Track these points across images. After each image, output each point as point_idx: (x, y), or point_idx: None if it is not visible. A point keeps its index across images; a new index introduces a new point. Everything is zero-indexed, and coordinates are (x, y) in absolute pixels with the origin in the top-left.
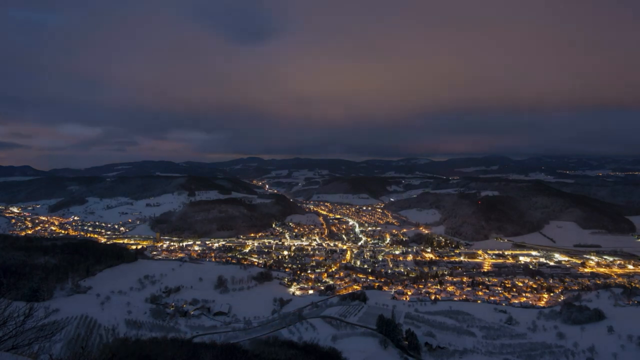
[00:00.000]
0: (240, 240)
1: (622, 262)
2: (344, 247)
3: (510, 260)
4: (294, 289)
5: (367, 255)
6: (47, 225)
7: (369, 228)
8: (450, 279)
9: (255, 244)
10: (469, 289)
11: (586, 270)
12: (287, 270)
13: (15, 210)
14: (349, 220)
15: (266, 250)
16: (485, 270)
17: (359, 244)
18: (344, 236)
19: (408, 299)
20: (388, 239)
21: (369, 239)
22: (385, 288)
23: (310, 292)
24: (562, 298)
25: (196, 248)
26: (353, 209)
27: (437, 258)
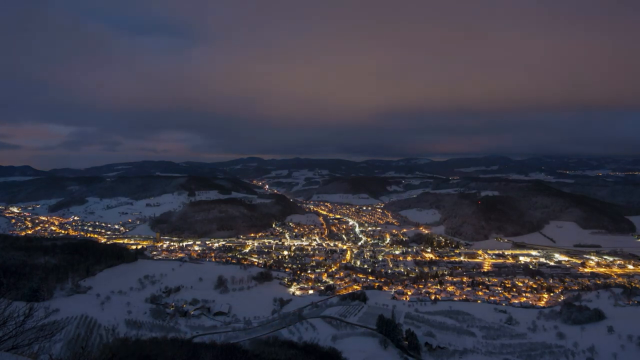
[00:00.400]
0: (240, 240)
1: (622, 262)
2: (344, 247)
3: (510, 260)
4: (294, 289)
5: (367, 255)
6: (47, 225)
7: (369, 228)
8: (450, 279)
9: (255, 244)
10: (469, 289)
11: (586, 270)
12: (287, 270)
13: (15, 210)
14: (349, 220)
15: (266, 250)
16: (485, 270)
17: (359, 244)
18: (344, 236)
19: (408, 299)
20: (388, 239)
21: (369, 239)
22: (385, 288)
23: (310, 292)
24: (562, 298)
25: (196, 248)
26: (353, 209)
27: (437, 258)
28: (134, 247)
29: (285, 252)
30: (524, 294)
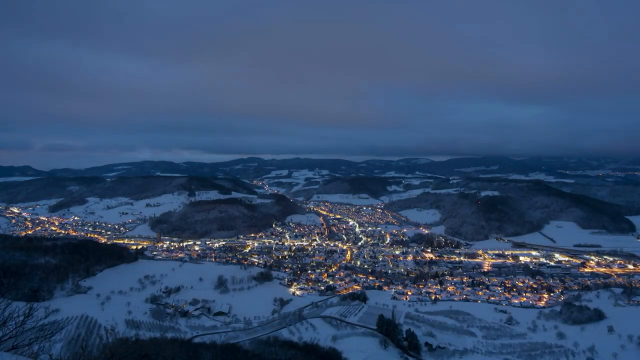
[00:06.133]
0: (240, 240)
1: (622, 262)
2: (344, 247)
3: (511, 260)
4: (294, 289)
5: (367, 255)
6: (47, 226)
7: (369, 228)
8: (450, 279)
9: (256, 244)
10: (469, 289)
11: (586, 270)
12: (287, 270)
13: (15, 210)
14: (349, 220)
15: (266, 250)
16: (486, 270)
17: (359, 244)
18: (344, 236)
19: (408, 299)
20: (388, 239)
21: (369, 239)
22: (385, 288)
23: (311, 292)
24: (562, 298)
25: (196, 248)
26: (353, 209)
27: (437, 258)
28: (134, 247)
29: (286, 252)
30: (524, 294)
